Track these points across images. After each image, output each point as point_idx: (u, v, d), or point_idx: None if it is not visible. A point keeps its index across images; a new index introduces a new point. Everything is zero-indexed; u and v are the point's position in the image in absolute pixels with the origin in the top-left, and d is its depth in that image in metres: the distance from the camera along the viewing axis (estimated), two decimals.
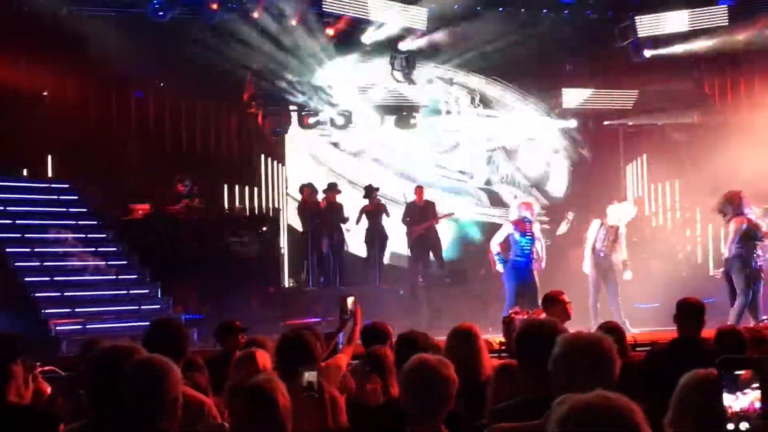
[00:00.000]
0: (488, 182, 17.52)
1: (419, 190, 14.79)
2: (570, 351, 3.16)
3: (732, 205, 10.32)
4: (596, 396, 2.32)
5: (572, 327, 4.73)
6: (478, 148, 17.49)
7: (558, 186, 17.84)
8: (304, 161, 16.42)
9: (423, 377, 3.55)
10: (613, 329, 5.58)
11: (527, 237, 10.86)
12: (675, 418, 2.83)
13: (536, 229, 11.26)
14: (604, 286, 11.44)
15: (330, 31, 14.79)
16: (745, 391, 2.44)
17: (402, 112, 16.07)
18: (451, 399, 3.59)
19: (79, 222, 12.52)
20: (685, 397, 2.81)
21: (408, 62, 15.75)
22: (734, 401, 2.45)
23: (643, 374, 5.66)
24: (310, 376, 3.99)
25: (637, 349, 8.49)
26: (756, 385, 2.45)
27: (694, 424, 2.77)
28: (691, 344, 6.03)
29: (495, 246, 11.14)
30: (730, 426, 2.49)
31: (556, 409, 2.38)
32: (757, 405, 2.43)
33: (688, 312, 6.24)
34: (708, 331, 6.35)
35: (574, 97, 16.89)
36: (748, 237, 10.20)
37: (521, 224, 10.86)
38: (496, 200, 17.49)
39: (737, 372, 2.45)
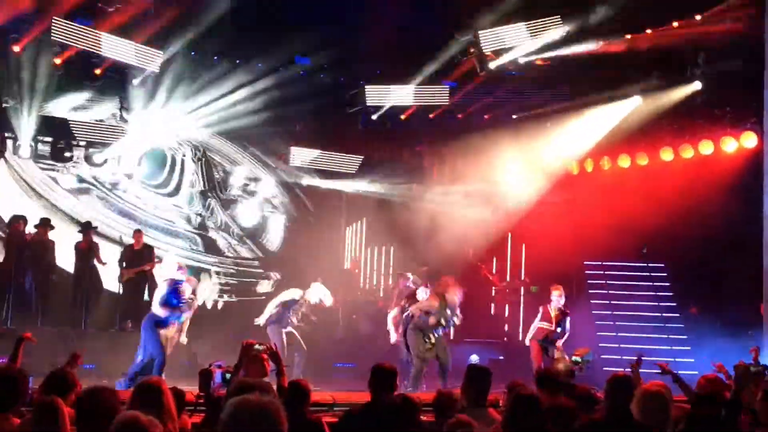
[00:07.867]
0: (202, 227, 17.44)
1: (137, 234, 14.50)
2: (238, 414, 3.21)
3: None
4: None
5: None
6: (196, 194, 17.47)
7: (273, 240, 18.06)
8: (18, 193, 15.55)
9: None
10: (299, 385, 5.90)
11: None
12: None
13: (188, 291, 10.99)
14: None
15: (57, 60, 14.08)
16: None
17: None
18: None
19: None
20: None
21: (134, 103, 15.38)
22: None
23: None
24: None
25: (335, 408, 8.71)
26: None
27: None
28: (382, 408, 6.27)
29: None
30: None
31: None
32: None
33: (381, 377, 6.50)
34: None
35: (300, 155, 17.28)
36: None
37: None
38: (211, 246, 17.46)
39: None
